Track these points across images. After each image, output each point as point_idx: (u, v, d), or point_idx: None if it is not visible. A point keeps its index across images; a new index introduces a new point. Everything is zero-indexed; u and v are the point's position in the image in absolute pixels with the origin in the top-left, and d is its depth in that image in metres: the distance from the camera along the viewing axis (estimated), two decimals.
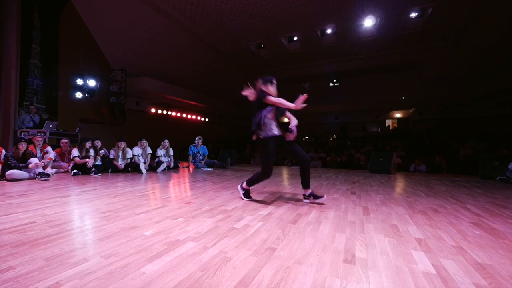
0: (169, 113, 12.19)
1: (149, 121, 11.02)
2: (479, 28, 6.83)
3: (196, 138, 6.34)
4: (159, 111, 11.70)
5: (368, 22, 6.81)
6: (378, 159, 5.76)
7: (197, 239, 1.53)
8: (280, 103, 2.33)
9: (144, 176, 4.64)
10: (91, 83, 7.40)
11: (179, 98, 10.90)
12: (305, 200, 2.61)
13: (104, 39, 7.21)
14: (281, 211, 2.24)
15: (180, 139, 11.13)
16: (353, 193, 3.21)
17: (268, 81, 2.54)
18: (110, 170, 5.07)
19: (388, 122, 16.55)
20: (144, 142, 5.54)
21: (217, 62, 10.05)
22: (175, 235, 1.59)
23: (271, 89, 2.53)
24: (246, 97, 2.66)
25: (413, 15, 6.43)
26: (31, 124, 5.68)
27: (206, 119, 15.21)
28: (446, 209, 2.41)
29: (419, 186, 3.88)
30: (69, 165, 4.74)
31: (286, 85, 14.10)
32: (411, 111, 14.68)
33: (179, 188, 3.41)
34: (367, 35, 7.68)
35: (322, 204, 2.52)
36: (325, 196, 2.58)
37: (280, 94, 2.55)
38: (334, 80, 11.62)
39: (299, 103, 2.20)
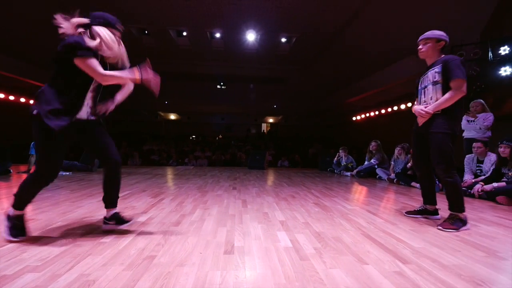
0: (22, 99, 8.33)
1: None
2: (319, 61, 9.41)
3: None
4: (1, 96, 7.76)
5: (251, 36, 7.67)
6: (255, 157, 6.62)
7: (41, 267, 1.15)
8: (118, 77, 1.45)
9: None
10: None
11: (16, 76, 7.67)
12: (105, 226, 1.66)
13: None
14: (163, 215, 2.10)
15: (15, 134, 7.88)
16: (234, 188, 3.51)
17: (103, 24, 1.46)
18: None
19: (264, 125, 19.37)
20: None
21: None
22: None
23: (108, 41, 1.44)
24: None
25: (283, 40, 7.86)
26: None
27: None
28: (299, 195, 3.14)
29: (283, 178, 4.81)
30: None
31: (172, 80, 13.28)
32: (280, 117, 17.91)
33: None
34: (250, 47, 8.62)
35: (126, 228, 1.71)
36: (133, 219, 1.77)
37: (166, 88, 1.90)
38: (222, 83, 12.21)
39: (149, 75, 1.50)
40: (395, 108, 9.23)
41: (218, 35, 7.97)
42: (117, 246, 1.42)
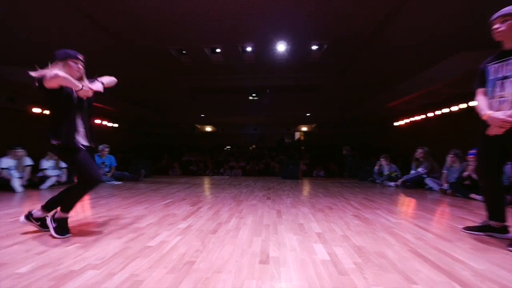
0: None
1: (30, 124, 8.52)
2: (354, 66, 9.04)
3: (101, 147, 5.39)
4: (47, 112, 9.27)
5: (281, 47, 7.79)
6: (288, 167, 6.53)
7: (100, 265, 1.30)
8: (67, 80, 1.61)
9: (19, 195, 3.54)
10: None
11: None
12: (23, 220, 1.84)
13: None
14: (201, 222, 2.20)
15: None
16: (268, 198, 3.51)
17: (64, 58, 1.74)
18: None
19: (297, 134, 19.10)
20: (21, 152, 4.26)
21: (129, 61, 8.97)
22: (67, 266, 1.29)
23: (67, 70, 1.72)
24: (165, 103, 2.17)
25: (314, 47, 7.80)
26: None
27: (115, 125, 13.15)
28: (337, 206, 2.99)
29: (319, 188, 4.64)
30: None
31: (208, 94, 14.07)
32: (313, 126, 17.50)
33: (75, 207, 2.79)
34: (281, 58, 8.75)
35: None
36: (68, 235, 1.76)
37: (202, 102, 2.23)
38: (253, 94, 12.52)
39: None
40: (445, 110, 8.32)
41: (249, 48, 8.28)
42: (161, 250, 1.53)
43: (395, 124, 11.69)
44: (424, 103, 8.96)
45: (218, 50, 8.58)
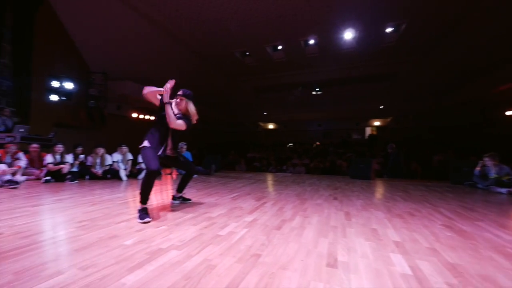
0: (152, 118, 11.88)
1: (130, 126, 10.66)
2: (444, 45, 7.46)
3: (180, 144, 6.22)
4: (141, 116, 11.37)
5: (348, 34, 7.16)
6: (358, 166, 5.96)
7: (181, 247, 1.50)
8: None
9: (124, 183, 4.46)
10: (69, 85, 7.09)
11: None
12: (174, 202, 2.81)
13: (84, 41, 6.98)
14: (266, 218, 2.25)
15: None
16: (335, 198, 3.30)
17: (191, 97, 2.45)
18: (87, 177, 4.82)
19: (368, 129, 17.25)
20: (125, 148, 5.34)
21: (201, 68, 10.03)
22: (157, 243, 1.54)
23: (184, 104, 2.40)
24: (231, 103, 2.55)
25: (388, 30, 6.86)
26: (3, 128, 5.26)
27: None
28: (421, 213, 2.54)
29: (397, 191, 4.06)
30: (41, 171, 4.46)
31: (270, 92, 14.32)
32: (389, 119, 15.44)
33: (162, 195, 3.32)
34: (347, 47, 8.06)
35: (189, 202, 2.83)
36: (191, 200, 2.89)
37: (264, 101, 2.43)
38: (317, 89, 11.99)
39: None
40: None
41: (312, 41, 7.95)
42: (230, 240, 1.65)
43: (508, 113, 9.10)
44: None
45: (279, 47, 8.59)
